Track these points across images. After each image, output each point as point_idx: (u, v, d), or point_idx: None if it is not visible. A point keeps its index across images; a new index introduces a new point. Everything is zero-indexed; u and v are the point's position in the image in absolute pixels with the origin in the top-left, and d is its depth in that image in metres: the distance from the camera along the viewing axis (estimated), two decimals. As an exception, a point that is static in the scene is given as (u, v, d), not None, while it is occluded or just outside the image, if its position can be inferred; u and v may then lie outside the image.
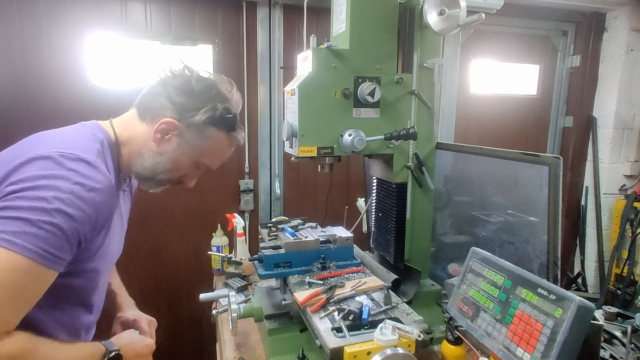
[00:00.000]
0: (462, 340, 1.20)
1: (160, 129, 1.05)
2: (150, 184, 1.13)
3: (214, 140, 1.10)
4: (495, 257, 1.06)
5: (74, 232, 0.86)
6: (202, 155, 1.11)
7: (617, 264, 3.17)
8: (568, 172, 3.36)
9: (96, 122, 1.09)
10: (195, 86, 1.05)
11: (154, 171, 1.08)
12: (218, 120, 1.07)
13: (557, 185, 1.17)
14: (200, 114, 1.05)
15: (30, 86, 2.22)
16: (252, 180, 2.72)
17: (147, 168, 1.07)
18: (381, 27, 1.42)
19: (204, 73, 1.10)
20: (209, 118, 1.06)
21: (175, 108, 1.05)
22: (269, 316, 1.35)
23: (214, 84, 1.09)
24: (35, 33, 2.20)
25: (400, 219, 1.55)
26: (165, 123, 1.04)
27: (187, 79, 1.06)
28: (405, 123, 1.49)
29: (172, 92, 1.05)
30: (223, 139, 1.12)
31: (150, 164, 1.07)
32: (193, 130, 1.06)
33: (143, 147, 1.07)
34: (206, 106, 1.05)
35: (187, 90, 1.05)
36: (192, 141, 1.07)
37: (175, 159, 1.08)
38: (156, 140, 1.06)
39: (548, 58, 3.28)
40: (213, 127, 1.08)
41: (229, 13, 2.52)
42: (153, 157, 1.07)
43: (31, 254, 0.81)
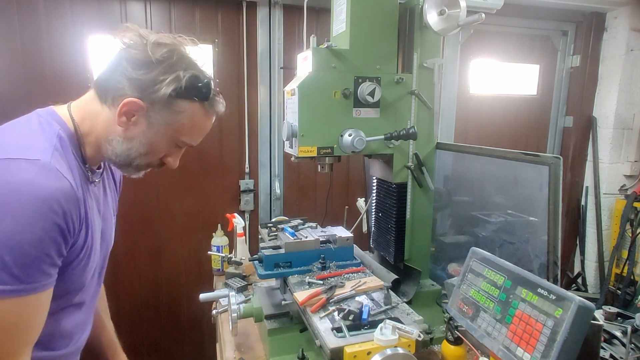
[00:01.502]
0: (462, 340, 1.20)
1: (123, 112, 0.91)
2: (128, 170, 1.02)
3: (187, 114, 0.96)
4: (495, 257, 1.05)
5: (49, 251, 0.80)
6: (178, 133, 0.98)
7: (617, 264, 3.17)
8: (568, 172, 3.36)
9: (52, 109, 0.96)
10: (153, 55, 0.89)
11: (128, 157, 0.96)
12: (186, 90, 0.92)
13: (557, 185, 1.17)
14: (163, 88, 0.90)
15: (30, 87, 2.22)
16: (252, 181, 2.72)
17: (119, 155, 0.96)
18: (381, 27, 1.42)
19: (161, 38, 0.93)
20: (174, 90, 0.91)
21: (134, 85, 0.90)
22: (269, 316, 1.35)
23: (174, 48, 0.93)
24: (35, 34, 2.20)
25: (400, 219, 1.55)
26: (127, 104, 0.90)
27: (142, 49, 0.90)
28: (405, 123, 1.49)
29: (128, 66, 0.90)
30: (197, 111, 0.97)
31: (122, 151, 0.95)
32: (160, 107, 0.92)
33: (109, 133, 0.94)
34: (168, 77, 0.90)
35: (144, 62, 0.90)
36: (162, 119, 0.94)
37: (147, 142, 0.96)
38: (122, 125, 0.93)
39: (548, 58, 3.28)
40: (182, 99, 0.93)
41: (229, 13, 2.52)
42: (123, 143, 0.95)
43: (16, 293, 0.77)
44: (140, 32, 0.92)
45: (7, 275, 0.75)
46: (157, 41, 0.91)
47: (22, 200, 0.76)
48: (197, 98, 0.95)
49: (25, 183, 0.77)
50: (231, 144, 2.66)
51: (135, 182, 1.23)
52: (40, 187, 0.78)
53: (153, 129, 0.95)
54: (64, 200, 0.81)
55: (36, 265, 0.79)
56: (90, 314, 1.16)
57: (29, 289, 0.78)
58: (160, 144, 0.98)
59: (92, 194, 1.01)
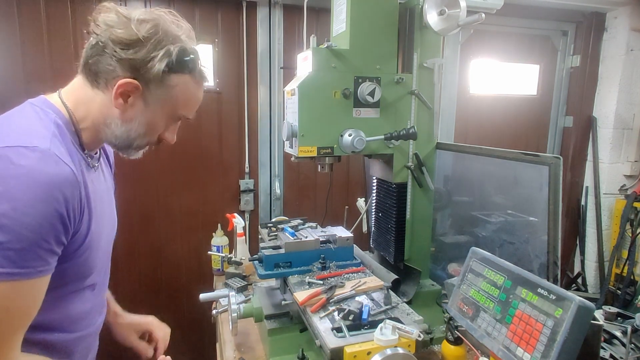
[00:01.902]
0: (462, 340, 1.20)
1: (119, 93, 0.91)
2: (128, 151, 1.03)
3: (181, 87, 0.96)
4: (495, 257, 1.06)
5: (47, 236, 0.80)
6: (175, 108, 0.99)
7: (617, 264, 3.17)
8: (568, 172, 3.36)
9: (44, 98, 0.96)
10: (139, 33, 0.88)
11: (128, 139, 0.97)
12: (177, 64, 0.92)
13: (557, 185, 1.17)
14: (156, 65, 0.90)
15: (30, 87, 2.22)
16: (252, 180, 2.72)
17: (119, 137, 0.96)
18: (381, 27, 1.42)
19: (142, 14, 0.91)
20: (167, 66, 0.91)
21: (126, 65, 0.89)
22: (269, 316, 1.35)
23: (157, 23, 0.91)
24: (35, 34, 2.20)
25: (400, 219, 1.55)
26: (123, 85, 0.90)
27: (127, 28, 0.88)
28: (405, 123, 1.49)
29: (115, 47, 0.88)
30: (189, 83, 0.98)
31: (121, 133, 0.96)
32: (155, 85, 0.92)
33: (107, 116, 0.94)
34: (159, 53, 0.90)
35: (131, 41, 0.88)
36: (158, 97, 0.94)
37: (146, 121, 0.96)
38: (119, 107, 0.93)
39: (548, 58, 3.28)
40: (174, 74, 0.93)
41: (229, 13, 2.52)
42: (122, 125, 0.95)
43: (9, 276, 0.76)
44: (119, 10, 0.90)
45: (3, 258, 0.75)
46: (139, 18, 0.90)
47: (22, 185, 0.76)
48: (187, 70, 0.96)
49: (26, 169, 0.77)
50: (231, 143, 2.66)
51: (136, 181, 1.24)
52: (41, 172, 0.78)
53: (150, 107, 0.95)
54: (64, 186, 0.81)
55: (33, 250, 0.78)
56: (104, 296, 1.17)
57: (24, 273, 0.78)
58: (158, 121, 0.99)
59: (93, 179, 1.00)
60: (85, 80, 0.95)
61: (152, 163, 2.46)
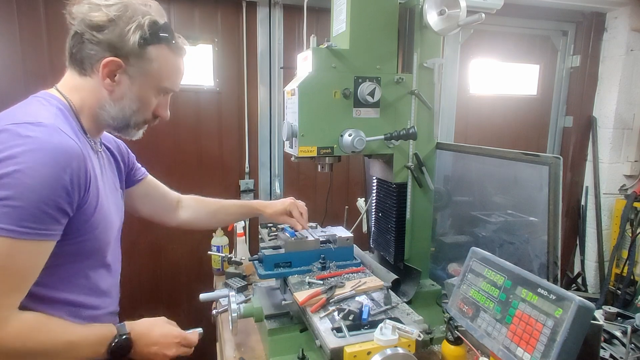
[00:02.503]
0: (462, 340, 1.20)
1: (105, 73, 0.97)
2: (128, 131, 1.08)
3: (160, 59, 1.01)
4: (495, 257, 1.06)
5: (47, 199, 0.83)
6: (159, 80, 1.03)
7: (617, 264, 3.17)
8: (568, 172, 3.36)
9: (46, 91, 1.02)
10: (110, 14, 0.94)
11: (124, 117, 1.03)
12: (151, 36, 0.98)
13: (557, 185, 1.17)
14: (131, 38, 0.95)
15: (30, 87, 2.21)
16: (252, 180, 2.72)
17: (116, 117, 1.02)
18: (381, 27, 1.42)
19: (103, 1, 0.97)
20: (141, 38, 0.96)
21: (105, 46, 0.95)
22: (269, 316, 1.35)
23: (125, 3, 0.97)
24: (35, 34, 2.20)
25: (400, 219, 1.55)
26: (107, 65, 0.96)
27: (99, 12, 0.95)
28: (405, 123, 1.49)
29: (93, 32, 0.95)
30: (167, 54, 1.02)
31: (116, 112, 1.02)
32: (134, 59, 0.98)
33: (100, 100, 1.00)
34: (131, 27, 0.95)
35: (105, 22, 0.94)
36: (140, 71, 1.00)
37: (136, 96, 1.02)
38: (108, 87, 0.99)
39: (548, 58, 3.28)
40: (150, 46, 0.98)
41: (229, 13, 2.52)
42: (115, 104, 1.01)
43: (6, 232, 0.79)
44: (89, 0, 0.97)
45: (2, 214, 0.79)
46: (108, 3, 0.96)
47: (27, 151, 0.81)
48: (162, 41, 1.00)
49: (31, 138, 0.83)
50: (231, 143, 2.66)
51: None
52: (46, 141, 0.83)
53: (136, 82, 1.01)
54: (68, 155, 0.86)
55: (32, 212, 0.81)
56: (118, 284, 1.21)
57: (22, 232, 0.81)
58: (147, 96, 1.04)
59: (98, 164, 1.06)
60: (74, 70, 1.01)
61: (152, 163, 2.45)
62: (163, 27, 1.00)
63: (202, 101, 2.56)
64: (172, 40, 1.03)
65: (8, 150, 0.81)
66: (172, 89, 1.09)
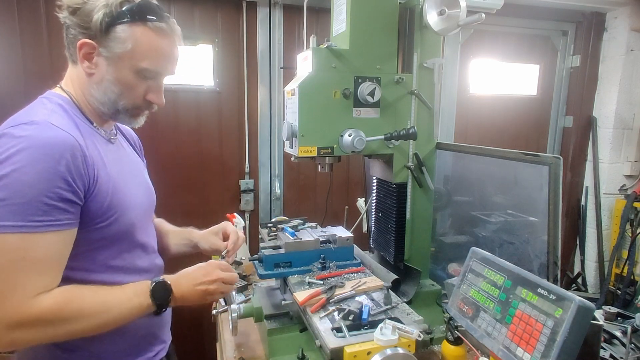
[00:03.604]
0: (462, 340, 1.20)
1: (82, 57, 0.98)
2: (122, 117, 1.07)
3: (134, 38, 0.97)
4: (495, 257, 1.06)
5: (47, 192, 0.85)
6: (135, 60, 0.99)
7: (617, 264, 3.17)
8: (568, 172, 3.36)
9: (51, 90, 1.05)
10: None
11: (109, 101, 1.02)
12: (119, 14, 0.95)
13: (557, 185, 1.17)
14: (95, 17, 0.94)
15: (30, 87, 2.22)
16: (252, 180, 2.72)
17: (102, 102, 1.02)
18: (381, 27, 1.42)
19: None
20: (107, 16, 0.94)
21: (79, 29, 0.96)
22: (269, 316, 1.35)
23: None
24: (35, 34, 2.20)
25: (400, 219, 1.55)
26: (80, 47, 0.96)
27: None
28: (405, 123, 1.49)
29: (70, 16, 0.96)
30: (145, 33, 0.98)
31: (101, 96, 1.01)
32: (104, 39, 0.96)
33: (86, 86, 1.02)
34: (97, 5, 0.94)
35: (75, 7, 0.95)
36: (113, 51, 0.97)
37: (115, 79, 1.00)
38: (87, 69, 0.99)
39: (548, 58, 3.28)
40: (120, 25, 0.95)
41: (229, 13, 2.52)
42: (97, 89, 1.01)
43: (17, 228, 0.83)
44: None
45: (9, 212, 0.83)
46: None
47: (21, 151, 0.84)
48: (135, 20, 0.97)
49: (24, 137, 0.86)
50: (231, 144, 2.66)
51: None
52: (38, 138, 0.87)
53: (112, 64, 0.99)
54: (61, 147, 0.88)
55: (35, 205, 0.84)
56: (158, 261, 1.26)
57: (30, 226, 0.84)
58: (127, 78, 1.01)
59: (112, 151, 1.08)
60: (69, 61, 1.05)
61: (152, 163, 2.45)
62: (138, 6, 0.96)
63: (202, 101, 2.56)
64: (145, 18, 0.97)
65: (5, 153, 0.85)
66: (155, 70, 1.02)
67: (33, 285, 0.86)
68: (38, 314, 0.85)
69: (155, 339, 1.17)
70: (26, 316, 0.84)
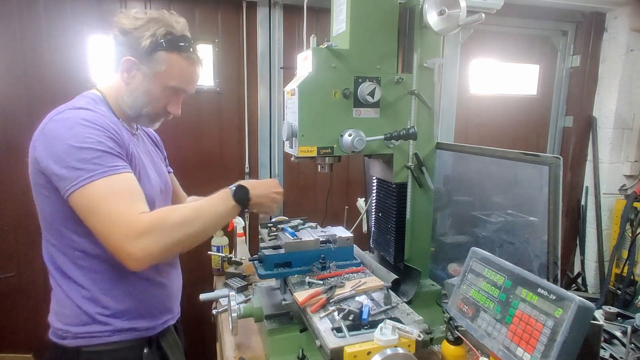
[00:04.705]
0: (462, 340, 1.20)
1: (124, 69, 1.19)
2: (143, 120, 1.28)
3: (170, 63, 1.19)
4: (495, 257, 1.05)
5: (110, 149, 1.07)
6: (166, 79, 1.21)
7: (617, 264, 3.17)
8: (568, 172, 3.36)
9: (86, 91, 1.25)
10: (134, 24, 1.17)
11: (136, 107, 1.23)
12: (162, 43, 1.17)
13: (557, 185, 1.17)
14: (143, 42, 1.15)
15: (30, 87, 2.22)
16: (252, 180, 2.72)
17: (131, 107, 1.22)
18: (381, 27, 1.42)
19: (139, 12, 1.22)
20: (153, 43, 1.16)
21: (126, 47, 1.17)
22: (269, 316, 1.35)
23: (150, 16, 1.19)
24: (34, 34, 2.20)
25: (400, 219, 1.55)
26: (124, 62, 1.18)
27: (128, 20, 1.18)
28: (405, 123, 1.49)
29: (119, 37, 1.18)
30: (178, 60, 1.21)
31: (131, 102, 1.22)
32: (146, 59, 1.18)
33: (121, 91, 1.22)
34: (147, 34, 1.16)
35: (129, 30, 1.17)
36: (151, 70, 1.19)
37: (146, 90, 1.21)
38: (125, 80, 1.20)
39: (548, 58, 3.28)
40: (161, 51, 1.18)
41: (229, 13, 2.52)
42: (129, 95, 1.21)
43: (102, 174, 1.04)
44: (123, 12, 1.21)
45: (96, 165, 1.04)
46: (136, 15, 1.19)
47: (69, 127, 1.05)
48: (173, 49, 1.19)
49: (69, 118, 1.07)
50: (231, 144, 2.66)
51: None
52: (81, 114, 1.08)
53: (147, 79, 1.20)
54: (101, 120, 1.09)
55: (107, 156, 1.06)
56: None
57: (112, 169, 1.05)
58: (156, 91, 1.22)
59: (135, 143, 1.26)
60: (110, 68, 1.25)
61: (152, 163, 2.46)
62: (177, 38, 1.20)
63: (202, 101, 2.56)
64: (183, 50, 1.21)
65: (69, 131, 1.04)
66: (181, 88, 1.25)
67: (135, 207, 1.06)
68: (149, 224, 1.04)
69: (164, 308, 1.30)
70: (141, 227, 1.03)
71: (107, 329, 1.17)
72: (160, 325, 1.29)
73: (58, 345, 1.18)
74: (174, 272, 1.40)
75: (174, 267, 1.41)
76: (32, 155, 1.09)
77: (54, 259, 1.17)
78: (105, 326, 1.16)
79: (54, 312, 1.20)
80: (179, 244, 1.10)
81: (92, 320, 1.16)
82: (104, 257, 1.13)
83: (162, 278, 1.30)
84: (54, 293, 1.20)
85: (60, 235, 1.14)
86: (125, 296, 1.19)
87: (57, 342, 1.18)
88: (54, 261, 1.17)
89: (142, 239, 1.02)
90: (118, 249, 1.03)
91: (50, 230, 1.15)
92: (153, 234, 1.03)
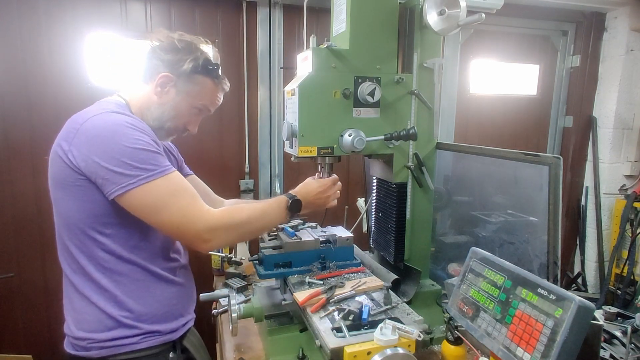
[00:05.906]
0: (462, 340, 1.20)
1: (159, 83, 1.26)
2: (161, 133, 1.32)
3: (203, 85, 1.30)
4: (495, 257, 1.05)
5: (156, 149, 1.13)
6: (197, 100, 1.31)
7: (617, 264, 3.17)
8: (568, 172, 3.36)
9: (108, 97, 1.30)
10: (178, 45, 1.27)
11: (161, 120, 1.29)
12: (202, 68, 1.28)
13: (557, 185, 1.17)
14: (186, 64, 1.25)
15: (30, 87, 2.22)
16: (252, 180, 2.72)
17: (156, 119, 1.28)
18: (381, 27, 1.42)
19: (182, 35, 1.30)
20: (194, 67, 1.26)
21: (166, 64, 1.25)
22: (269, 316, 1.36)
23: (193, 41, 1.31)
24: (34, 33, 2.20)
25: (400, 219, 1.55)
26: (162, 77, 1.25)
27: (171, 41, 1.27)
28: (405, 123, 1.49)
29: (161, 53, 1.26)
30: (210, 84, 1.32)
31: (157, 115, 1.28)
32: (184, 79, 1.27)
33: (149, 102, 1.28)
34: (189, 57, 1.26)
35: (173, 49, 1.26)
36: (185, 88, 1.28)
37: (175, 106, 1.29)
38: (157, 94, 1.27)
39: (548, 58, 3.28)
40: (199, 74, 1.28)
41: (229, 13, 2.52)
42: (158, 108, 1.28)
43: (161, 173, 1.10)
44: (167, 32, 1.30)
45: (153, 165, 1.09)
46: (179, 38, 1.28)
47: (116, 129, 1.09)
48: (209, 75, 1.31)
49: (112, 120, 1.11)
50: (231, 144, 2.66)
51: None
52: (122, 118, 1.13)
53: (179, 96, 1.29)
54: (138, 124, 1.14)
55: (156, 157, 1.11)
56: None
57: (164, 169, 1.11)
58: (184, 108, 1.31)
59: None
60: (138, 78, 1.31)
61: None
62: (213, 66, 1.32)
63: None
64: (216, 76, 1.34)
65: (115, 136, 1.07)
66: (206, 108, 1.36)
67: (200, 202, 1.15)
68: (219, 219, 1.14)
69: (184, 310, 1.35)
70: (211, 220, 1.13)
71: (133, 333, 1.16)
72: (182, 327, 1.31)
73: (80, 358, 1.15)
74: (189, 274, 1.45)
75: (188, 268, 1.45)
76: (62, 154, 1.09)
77: (75, 261, 1.15)
78: (132, 330, 1.16)
79: (73, 320, 1.18)
80: (244, 236, 1.29)
81: (118, 324, 1.15)
82: (127, 259, 1.16)
83: (181, 279, 1.34)
84: (70, 299, 1.18)
85: (84, 236, 1.13)
86: (148, 298, 1.21)
87: (79, 354, 1.15)
88: (74, 263, 1.16)
89: (214, 231, 1.13)
90: (196, 239, 1.13)
91: (72, 231, 1.14)
92: (221, 229, 1.15)
